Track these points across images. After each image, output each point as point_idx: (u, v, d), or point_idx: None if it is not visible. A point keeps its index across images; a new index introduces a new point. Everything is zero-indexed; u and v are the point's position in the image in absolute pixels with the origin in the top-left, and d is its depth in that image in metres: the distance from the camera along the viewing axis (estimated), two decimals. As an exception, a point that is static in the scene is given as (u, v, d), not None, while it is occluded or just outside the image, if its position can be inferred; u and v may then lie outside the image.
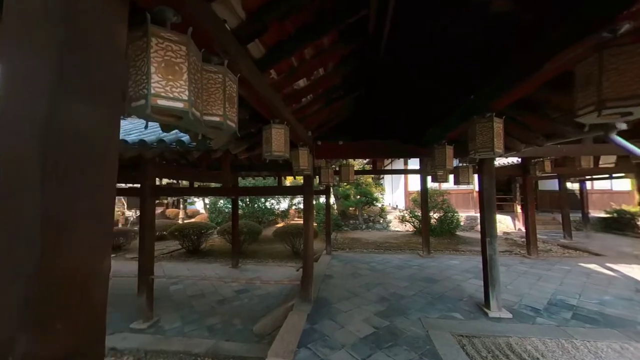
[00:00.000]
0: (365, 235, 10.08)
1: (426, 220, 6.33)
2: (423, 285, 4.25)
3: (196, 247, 8.42)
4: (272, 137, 1.97)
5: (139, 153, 3.07)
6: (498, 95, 1.82)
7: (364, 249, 7.66)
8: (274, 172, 7.26)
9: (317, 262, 6.02)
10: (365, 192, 11.69)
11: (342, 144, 3.43)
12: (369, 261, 5.92)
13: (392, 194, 16.50)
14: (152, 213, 3.84)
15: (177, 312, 4.04)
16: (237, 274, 5.96)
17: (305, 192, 3.38)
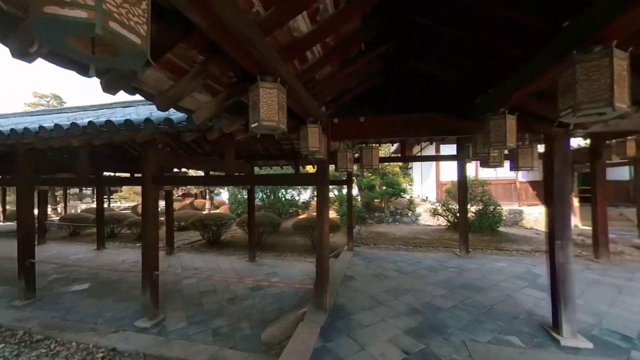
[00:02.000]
0: (391, 230, 9.30)
1: (465, 214, 5.45)
2: (464, 294, 3.49)
3: (216, 238, 8.33)
4: (261, 100, 1.40)
5: (130, 137, 2.69)
6: (620, 12, 1.06)
7: (391, 245, 6.95)
8: (291, 160, 6.80)
9: (336, 258, 5.47)
10: (391, 182, 10.82)
11: (363, 120, 2.76)
12: (396, 260, 5.23)
13: (421, 185, 15.33)
14: (154, 203, 3.52)
15: (184, 310, 3.76)
16: (253, 268, 5.63)
17: (319, 180, 2.79)
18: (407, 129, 2.71)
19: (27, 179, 4.01)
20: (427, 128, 2.72)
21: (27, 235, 4.12)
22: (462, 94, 2.56)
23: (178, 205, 18.86)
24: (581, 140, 6.80)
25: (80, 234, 10.07)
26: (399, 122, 2.74)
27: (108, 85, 1.19)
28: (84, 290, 4.46)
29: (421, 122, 2.65)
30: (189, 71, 1.44)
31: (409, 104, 2.90)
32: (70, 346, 3.05)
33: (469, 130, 2.66)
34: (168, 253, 6.86)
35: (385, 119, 2.80)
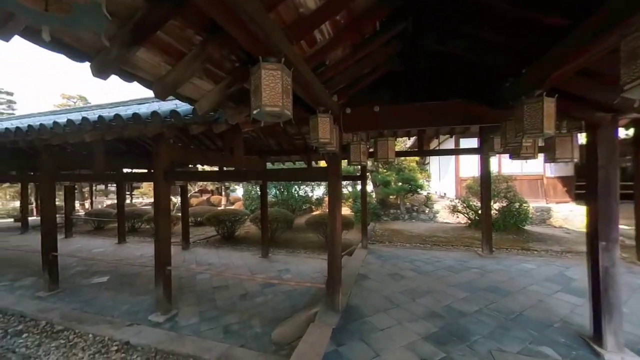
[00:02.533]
0: (408, 227, 8.99)
1: (488, 212, 5.10)
2: (489, 298, 3.22)
3: (230, 233, 8.41)
4: (263, 83, 1.26)
5: (139, 131, 2.66)
6: None
7: (407, 243, 6.69)
8: (304, 156, 6.68)
9: (350, 256, 5.31)
10: (408, 178, 10.45)
11: (378, 110, 2.57)
12: (413, 259, 4.99)
13: (439, 181, 14.77)
14: (166, 199, 3.51)
15: (197, 305, 3.75)
16: (266, 264, 5.59)
17: (331, 175, 2.63)
18: (426, 118, 2.48)
19: (49, 175, 4.13)
20: (449, 117, 2.48)
21: (49, 230, 4.27)
22: (488, 78, 2.30)
23: (195, 201, 19.36)
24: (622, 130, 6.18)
25: (104, 228, 10.53)
26: (417, 111, 2.52)
27: (98, 68, 1.10)
28: (103, 283, 4.58)
29: (442, 111, 2.41)
30: (187, 54, 1.33)
31: (428, 91, 2.66)
32: (87, 338, 3.11)
33: (495, 119, 2.39)
34: (184, 248, 6.98)
35: (402, 108, 2.58)
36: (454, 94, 2.44)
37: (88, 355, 2.80)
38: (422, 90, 2.64)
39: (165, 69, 1.39)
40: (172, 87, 1.39)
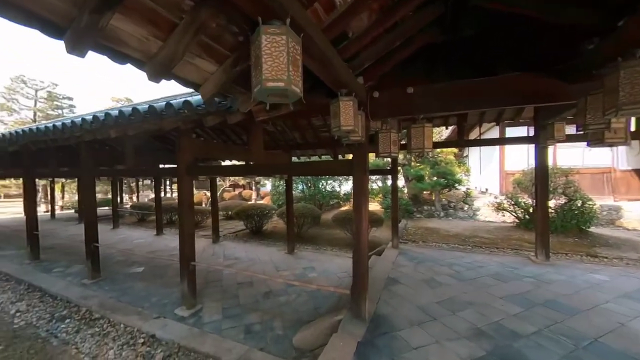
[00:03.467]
0: (444, 226, 8.28)
1: (545, 210, 4.37)
2: (550, 316, 2.66)
3: (258, 228, 8.49)
4: (263, 53, 1.00)
5: (157, 125, 2.59)
6: None
7: (444, 244, 6.10)
8: (330, 149, 6.39)
9: (379, 256, 4.94)
10: (444, 172, 9.62)
11: (412, 91, 2.17)
12: (451, 262, 4.46)
13: (479, 175, 13.51)
14: (189, 194, 3.48)
15: (221, 301, 3.72)
16: (291, 261, 5.46)
17: (356, 168, 2.32)
18: (473, 98, 2.03)
19: (89, 170, 4.38)
20: (503, 96, 1.99)
21: (91, 222, 4.56)
22: (561, 43, 1.78)
23: (228, 196, 20.20)
24: None
25: (146, 220, 11.36)
26: (461, 90, 2.07)
27: (71, 42, 0.94)
28: (138, 273, 4.80)
29: (494, 89, 1.93)
30: (178, 24, 1.13)
31: (475, 66, 2.18)
32: (119, 328, 3.21)
33: (569, 96, 1.86)
34: (214, 241, 7.17)
35: (442, 88, 2.15)
36: (510, 67, 1.95)
37: (117, 346, 2.87)
38: (466, 65, 2.18)
39: (155, 45, 1.21)
40: (166, 66, 1.20)
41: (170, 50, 1.17)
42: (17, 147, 4.34)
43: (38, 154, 5.40)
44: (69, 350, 2.83)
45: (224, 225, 9.80)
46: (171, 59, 1.20)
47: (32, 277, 4.72)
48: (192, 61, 1.35)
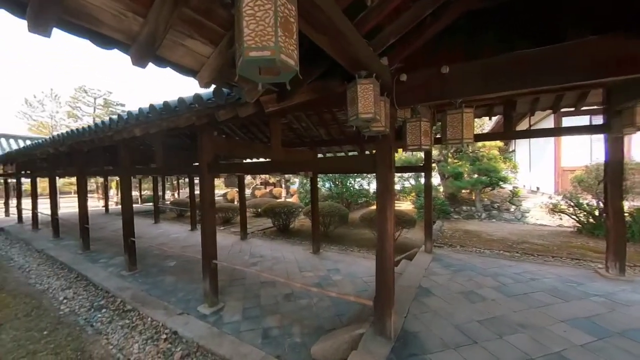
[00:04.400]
0: (486, 229, 7.45)
1: (619, 214, 3.59)
2: (634, 351, 2.09)
3: (285, 226, 8.49)
4: (244, 14, 0.78)
5: (174, 122, 2.56)
6: None
7: (486, 250, 5.43)
8: (357, 145, 6.07)
9: (410, 260, 4.52)
10: (486, 169, 8.68)
11: (447, 71, 1.80)
12: (496, 272, 3.89)
13: (529, 172, 12.04)
14: (210, 191, 3.47)
15: (243, 300, 3.67)
16: (316, 261, 5.29)
17: (379, 164, 2.02)
18: (530, 74, 1.59)
19: (126, 169, 4.64)
20: (574, 68, 1.53)
21: (128, 218, 4.84)
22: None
23: (259, 193, 20.80)
24: None
25: (184, 215, 12.09)
26: (513, 64, 1.65)
27: (33, 20, 0.83)
28: (170, 267, 5.00)
29: (561, 58, 1.48)
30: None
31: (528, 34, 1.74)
32: (146, 321, 3.31)
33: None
34: (242, 238, 7.29)
35: (487, 64, 1.75)
36: (585, 29, 1.48)
37: (142, 340, 2.93)
38: (519, 32, 1.74)
39: (137, 23, 1.07)
40: (149, 46, 1.06)
41: (152, 27, 1.02)
42: (66, 148, 4.74)
43: (88, 155, 5.93)
44: (100, 340, 2.97)
45: (253, 222, 10.01)
46: (153, 38, 1.05)
47: (80, 266, 5.17)
48: (183, 42, 1.20)
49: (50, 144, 4.75)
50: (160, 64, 1.19)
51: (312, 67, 1.65)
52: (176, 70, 1.29)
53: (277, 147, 2.70)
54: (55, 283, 4.61)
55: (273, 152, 2.67)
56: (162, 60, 1.20)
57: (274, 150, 2.68)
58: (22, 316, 3.48)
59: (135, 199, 18.54)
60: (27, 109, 19.99)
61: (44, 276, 4.94)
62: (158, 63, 1.18)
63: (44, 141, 5.11)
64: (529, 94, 3.34)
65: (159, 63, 1.18)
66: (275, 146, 2.69)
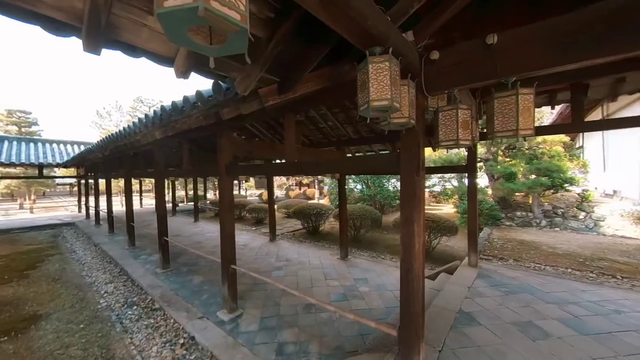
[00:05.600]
0: (547, 239, 6.32)
1: None
2: None
3: (315, 228, 8.29)
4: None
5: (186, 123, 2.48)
6: None
7: (548, 266, 4.52)
8: (388, 143, 5.59)
9: (450, 275, 3.93)
10: (547, 168, 7.40)
11: (495, 41, 1.35)
12: (563, 298, 3.12)
13: (603, 172, 10.06)
14: (229, 193, 3.38)
15: (262, 308, 3.53)
16: (343, 269, 4.96)
17: (403, 163, 1.64)
18: (631, 32, 1.08)
19: (160, 172, 4.85)
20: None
21: (162, 217, 5.06)
22: None
23: (292, 194, 21.06)
24: None
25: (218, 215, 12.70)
26: (600, 20, 1.15)
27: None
28: (199, 267, 5.11)
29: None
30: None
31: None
32: (169, 323, 3.34)
33: None
34: (271, 240, 7.27)
35: (554, 27, 1.26)
36: None
37: (161, 343, 2.93)
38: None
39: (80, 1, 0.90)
40: (97, 27, 0.88)
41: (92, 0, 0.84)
42: (109, 152, 5.13)
43: (134, 158, 6.43)
44: (125, 339, 3.04)
45: (284, 223, 10.02)
46: (97, 14, 0.87)
47: (124, 261, 5.57)
48: (144, 22, 1.00)
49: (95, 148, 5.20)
50: (125, 51, 1.02)
51: (312, 46, 1.35)
52: (150, 59, 1.12)
53: (292, 147, 2.45)
54: (101, 277, 5.00)
55: (287, 153, 2.43)
56: (124, 45, 1.03)
57: (288, 150, 2.44)
58: (67, 307, 3.78)
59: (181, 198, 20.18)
60: (98, 119, 23.13)
61: (94, 269, 5.42)
62: (120, 48, 1.01)
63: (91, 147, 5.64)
64: (611, 72, 2.60)
65: (120, 48, 1.01)
66: (289, 146, 2.45)
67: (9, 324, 3.32)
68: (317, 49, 1.35)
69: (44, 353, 2.77)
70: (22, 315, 3.54)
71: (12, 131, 18.09)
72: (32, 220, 11.71)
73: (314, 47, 1.35)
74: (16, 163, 9.76)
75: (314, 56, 1.38)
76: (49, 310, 3.66)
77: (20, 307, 3.75)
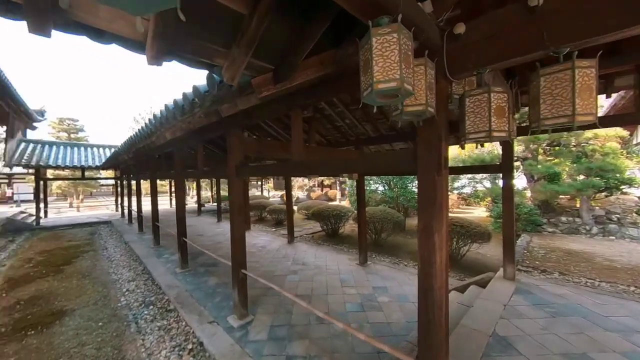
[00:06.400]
0: (601, 249, 5.48)
1: None
2: None
3: (334, 231, 8.06)
4: None
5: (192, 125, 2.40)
6: None
7: (603, 282, 3.86)
8: (409, 141, 5.22)
9: (483, 288, 3.48)
10: (600, 167, 6.47)
11: (541, 2, 1.05)
12: (628, 325, 2.57)
13: (673, 172, 8.62)
14: (239, 195, 3.28)
15: (273, 315, 3.38)
16: (361, 276, 4.69)
17: (421, 160, 1.36)
18: None
19: (179, 173, 4.93)
20: None
21: (181, 218, 5.14)
22: None
23: (314, 195, 20.96)
24: None
25: (243, 215, 12.90)
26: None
27: None
28: (215, 269, 5.11)
29: None
30: None
31: None
32: (180, 325, 3.30)
33: None
34: (289, 242, 7.16)
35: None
36: None
37: (170, 347, 2.88)
38: None
39: None
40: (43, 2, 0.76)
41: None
42: (132, 154, 5.32)
43: (159, 160, 6.68)
44: (137, 340, 3.04)
45: (303, 225, 9.90)
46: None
47: (148, 260, 5.76)
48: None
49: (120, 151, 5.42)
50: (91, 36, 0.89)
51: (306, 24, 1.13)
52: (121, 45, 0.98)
53: (298, 145, 2.25)
54: (126, 274, 5.19)
55: (293, 152, 2.24)
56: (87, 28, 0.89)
57: (294, 149, 2.24)
58: (91, 304, 3.93)
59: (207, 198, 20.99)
60: (134, 125, 24.92)
61: (121, 266, 5.66)
62: (84, 33, 0.88)
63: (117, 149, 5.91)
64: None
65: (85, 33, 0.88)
66: (296, 144, 2.25)
67: (38, 318, 3.49)
68: (312, 26, 1.14)
69: (62, 350, 2.84)
70: (51, 309, 3.73)
71: (63, 137, 20.04)
72: (77, 218, 12.78)
73: (308, 24, 1.14)
74: (62, 166, 10.71)
75: (310, 36, 1.17)
76: (74, 306, 3.82)
77: (50, 302, 3.96)
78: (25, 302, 3.97)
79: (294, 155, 2.31)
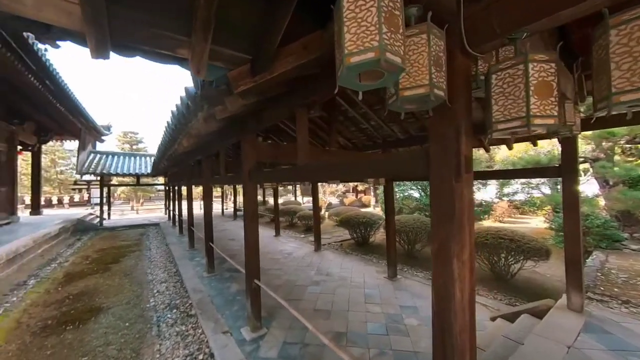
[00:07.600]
0: None
1: None
2: None
3: (364, 239, 7.63)
4: None
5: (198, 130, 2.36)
6: None
7: None
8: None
9: (539, 319, 2.83)
10: None
11: None
12: None
13: None
14: (253, 201, 3.18)
15: (287, 330, 3.20)
16: (389, 291, 4.27)
17: (434, 162, 1.04)
18: None
19: (207, 179, 5.09)
20: None
21: (208, 224, 5.28)
22: None
23: (347, 201, 20.51)
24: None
25: (274, 221, 13.10)
26: None
27: None
28: (239, 275, 5.11)
29: None
30: None
31: None
32: (197, 332, 3.28)
33: None
34: (316, 250, 6.96)
35: None
36: None
37: (182, 355, 2.85)
38: None
39: None
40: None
41: None
42: (165, 162, 5.65)
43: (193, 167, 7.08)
44: (155, 344, 3.08)
45: (333, 232, 9.61)
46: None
47: (181, 262, 6.05)
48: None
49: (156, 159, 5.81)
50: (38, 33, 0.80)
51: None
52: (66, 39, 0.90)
53: (303, 148, 2.04)
54: (160, 275, 5.48)
55: (298, 155, 2.04)
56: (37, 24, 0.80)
57: (299, 152, 2.04)
58: (124, 303, 4.16)
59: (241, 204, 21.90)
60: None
61: (157, 267, 6.02)
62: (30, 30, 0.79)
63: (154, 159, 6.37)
64: None
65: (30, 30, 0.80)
66: (301, 147, 2.04)
67: (79, 314, 3.79)
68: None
69: (89, 348, 2.99)
70: (91, 306, 4.03)
71: (126, 148, 22.90)
72: (133, 220, 14.30)
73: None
74: (120, 173, 12.11)
75: (280, 9, 0.96)
76: (110, 304, 4.08)
77: (92, 298, 4.31)
78: (73, 297, 4.38)
79: (298, 159, 2.11)
